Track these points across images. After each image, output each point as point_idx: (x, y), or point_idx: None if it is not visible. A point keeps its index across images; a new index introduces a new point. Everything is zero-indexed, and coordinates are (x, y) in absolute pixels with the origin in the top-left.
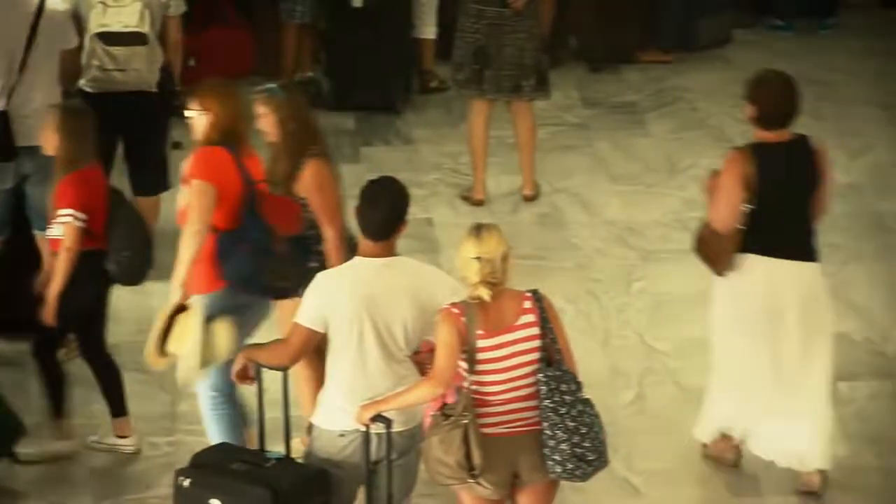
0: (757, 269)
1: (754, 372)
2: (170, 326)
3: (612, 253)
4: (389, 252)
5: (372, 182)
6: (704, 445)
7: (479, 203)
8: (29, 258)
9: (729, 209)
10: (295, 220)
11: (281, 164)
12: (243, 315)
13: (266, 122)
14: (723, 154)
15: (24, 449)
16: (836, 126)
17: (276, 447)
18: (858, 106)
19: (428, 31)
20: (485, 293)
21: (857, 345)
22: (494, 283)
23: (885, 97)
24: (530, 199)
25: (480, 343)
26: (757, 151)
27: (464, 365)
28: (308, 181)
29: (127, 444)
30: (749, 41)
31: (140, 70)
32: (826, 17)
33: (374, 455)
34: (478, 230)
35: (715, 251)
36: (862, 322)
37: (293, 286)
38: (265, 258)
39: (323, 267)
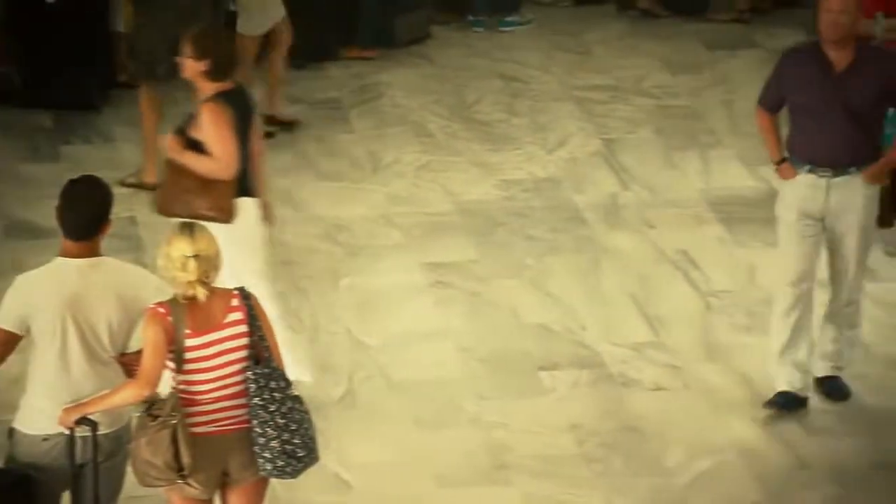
0: (251, 210)
1: None
2: None
3: (320, 249)
4: (93, 252)
5: (73, 182)
6: None
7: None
8: None
9: (230, 154)
10: None
11: None
12: None
13: None
14: (424, 149)
15: None
16: (533, 121)
17: None
18: (553, 101)
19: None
20: (201, 292)
21: (556, 335)
22: (208, 281)
23: (577, 92)
24: None
25: (188, 342)
26: (228, 98)
27: (171, 365)
28: None
29: None
30: (447, 38)
31: None
32: (509, 13)
33: (79, 458)
34: (189, 228)
35: (219, 195)
36: (561, 312)
37: None
38: None
39: None
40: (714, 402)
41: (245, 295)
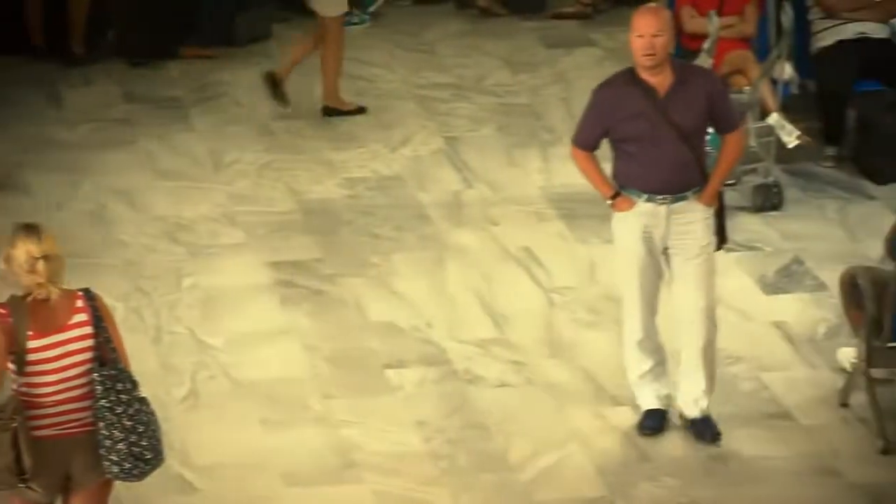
0: None
1: None
2: None
3: (161, 249)
4: None
5: None
6: None
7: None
8: None
9: None
10: None
11: None
12: None
13: None
14: (267, 148)
15: None
16: (378, 120)
17: None
18: (396, 99)
19: None
20: (54, 293)
21: (402, 333)
22: (57, 282)
23: (419, 90)
24: None
25: (31, 344)
26: None
27: (12, 367)
28: None
29: None
30: (289, 37)
31: None
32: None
33: None
34: (32, 229)
35: None
36: (406, 310)
37: None
38: None
39: None
40: (557, 398)
41: (90, 296)
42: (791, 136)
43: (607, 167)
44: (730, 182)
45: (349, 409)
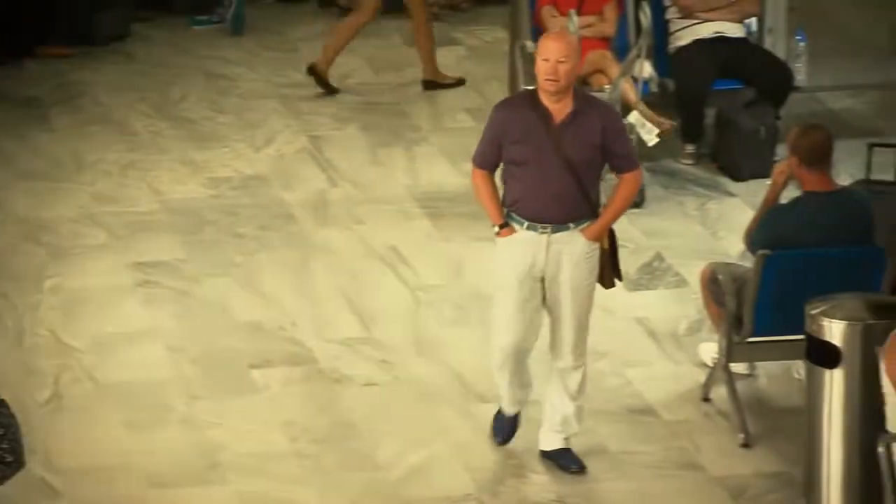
0: None
1: None
2: None
3: (23, 251)
4: None
5: None
6: None
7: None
8: None
9: None
10: None
11: None
12: None
13: None
14: (129, 147)
15: None
16: (240, 119)
17: None
18: (259, 99)
19: None
20: None
21: (268, 332)
22: None
23: (283, 89)
24: None
25: None
26: None
27: None
28: None
29: None
30: (149, 35)
31: None
32: (203, 13)
33: None
34: None
35: None
36: (272, 310)
37: None
38: None
39: None
40: (425, 396)
41: None
42: (651, 135)
43: None
44: None
45: (214, 410)
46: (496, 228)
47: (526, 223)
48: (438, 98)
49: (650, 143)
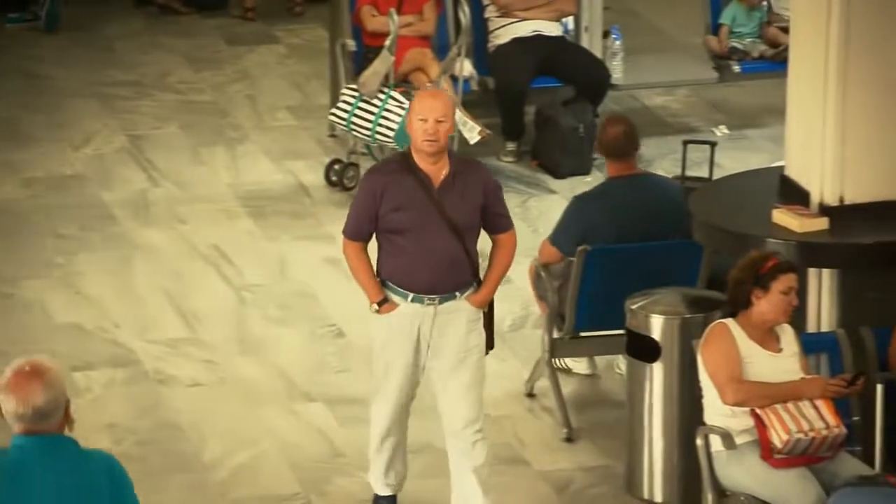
0: None
1: None
2: None
3: None
4: None
5: None
6: None
7: None
8: None
9: None
10: None
11: None
12: None
13: None
14: None
15: None
16: (56, 119)
17: None
18: (75, 98)
19: None
20: None
21: (90, 334)
22: None
23: (100, 88)
24: None
25: None
26: None
27: None
28: None
29: None
30: None
31: None
32: (11, 11)
33: None
34: None
35: None
36: (94, 311)
37: None
38: None
39: None
40: (250, 395)
41: None
42: (473, 133)
43: None
44: None
45: None
46: (374, 306)
47: (411, 295)
48: (259, 97)
49: (472, 142)
